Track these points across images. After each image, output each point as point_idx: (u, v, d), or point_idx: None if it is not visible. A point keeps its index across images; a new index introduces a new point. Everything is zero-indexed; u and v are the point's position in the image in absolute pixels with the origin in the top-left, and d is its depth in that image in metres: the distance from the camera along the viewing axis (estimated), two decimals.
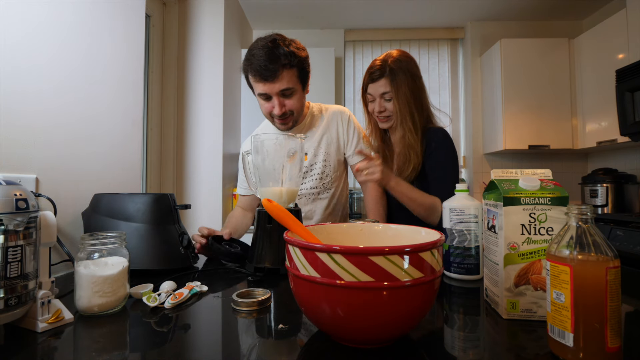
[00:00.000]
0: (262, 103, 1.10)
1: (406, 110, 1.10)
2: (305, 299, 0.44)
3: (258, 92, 1.08)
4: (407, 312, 0.42)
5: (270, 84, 1.03)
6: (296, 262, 0.44)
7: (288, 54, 1.03)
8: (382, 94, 1.11)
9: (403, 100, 1.09)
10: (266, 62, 1.01)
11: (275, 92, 1.05)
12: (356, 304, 0.40)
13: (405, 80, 1.09)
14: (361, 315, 0.41)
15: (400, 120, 1.12)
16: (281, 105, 1.07)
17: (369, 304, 0.40)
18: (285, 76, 1.04)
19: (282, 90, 1.05)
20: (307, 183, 1.20)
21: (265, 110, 1.11)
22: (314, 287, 0.42)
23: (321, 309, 0.42)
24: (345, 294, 0.40)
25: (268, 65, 1.01)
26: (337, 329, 0.44)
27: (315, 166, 1.20)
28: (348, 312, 0.41)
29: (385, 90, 1.10)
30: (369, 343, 0.44)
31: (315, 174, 1.20)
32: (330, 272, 0.40)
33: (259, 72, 1.02)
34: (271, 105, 1.08)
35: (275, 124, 1.14)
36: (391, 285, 0.39)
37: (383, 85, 1.10)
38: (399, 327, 0.43)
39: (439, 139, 1.11)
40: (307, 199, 1.21)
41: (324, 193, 1.21)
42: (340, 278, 0.40)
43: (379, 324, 0.41)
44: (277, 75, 1.02)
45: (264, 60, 1.01)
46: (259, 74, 1.03)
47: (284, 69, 1.03)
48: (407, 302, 0.41)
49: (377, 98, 1.13)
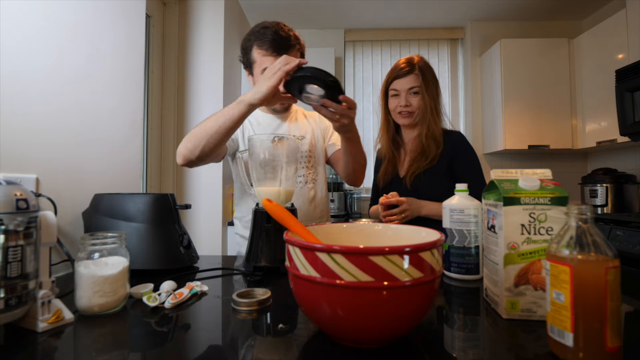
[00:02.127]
0: None
1: (433, 105, 1.17)
2: (305, 299, 0.44)
3: (265, 67, 1.06)
4: (407, 312, 0.42)
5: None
6: (296, 262, 0.44)
7: (295, 36, 1.09)
8: (409, 89, 1.17)
9: (431, 94, 1.17)
10: (280, 36, 1.04)
11: None
12: (356, 304, 0.40)
13: (432, 78, 1.18)
14: (361, 315, 0.41)
15: (422, 115, 1.18)
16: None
17: (369, 303, 0.40)
18: (293, 54, 1.08)
19: None
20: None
21: None
22: (314, 287, 0.42)
23: (321, 309, 0.42)
24: (345, 294, 0.40)
25: (283, 38, 1.04)
26: (337, 329, 0.44)
27: (302, 148, 1.19)
28: (348, 312, 0.41)
29: (413, 85, 1.16)
30: (369, 343, 0.44)
31: (303, 157, 1.19)
32: (330, 272, 0.40)
33: (272, 44, 1.04)
34: None
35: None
36: (391, 285, 0.39)
37: (411, 80, 1.16)
38: (399, 327, 0.43)
39: (463, 141, 1.20)
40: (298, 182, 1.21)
41: (310, 183, 1.20)
42: (340, 278, 0.40)
43: (379, 324, 0.41)
44: (289, 50, 1.06)
45: (278, 35, 1.04)
46: (271, 47, 1.04)
47: (292, 48, 1.07)
48: (407, 302, 0.41)
49: (402, 93, 1.18)
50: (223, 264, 0.92)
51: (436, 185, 1.12)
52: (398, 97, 1.19)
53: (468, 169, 1.17)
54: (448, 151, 1.17)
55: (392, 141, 1.27)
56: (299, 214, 1.19)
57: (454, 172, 1.16)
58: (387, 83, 1.22)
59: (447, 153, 1.17)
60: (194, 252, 0.91)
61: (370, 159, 1.23)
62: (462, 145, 1.19)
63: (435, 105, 1.19)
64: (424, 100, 1.17)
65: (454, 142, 1.19)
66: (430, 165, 1.15)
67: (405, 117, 1.19)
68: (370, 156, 1.44)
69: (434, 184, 1.12)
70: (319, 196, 1.23)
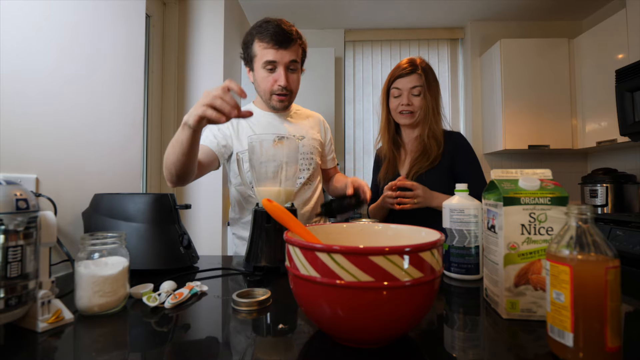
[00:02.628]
0: (265, 76, 1.11)
1: (434, 104, 1.19)
2: (305, 299, 0.44)
3: (266, 60, 1.08)
4: (407, 312, 0.42)
5: (283, 50, 1.07)
6: (296, 262, 0.44)
7: (297, 32, 1.12)
8: (411, 88, 1.18)
9: (433, 95, 1.19)
10: (282, 29, 1.06)
11: (285, 61, 1.08)
12: (356, 304, 0.40)
13: (433, 79, 1.20)
14: (361, 315, 0.41)
15: (425, 115, 1.19)
16: (287, 77, 1.10)
17: (369, 303, 0.40)
18: (295, 49, 1.10)
19: (291, 61, 1.10)
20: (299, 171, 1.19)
21: (268, 83, 1.11)
22: (313, 287, 0.42)
23: (321, 309, 0.42)
24: (345, 294, 0.40)
25: (285, 31, 1.06)
26: (337, 329, 0.44)
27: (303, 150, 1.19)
28: (348, 312, 0.41)
29: (415, 84, 1.17)
30: (369, 343, 0.44)
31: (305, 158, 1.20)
32: (330, 272, 0.40)
33: (274, 37, 1.06)
34: (276, 76, 1.10)
35: (272, 101, 1.14)
36: (391, 285, 0.39)
37: (413, 80, 1.17)
38: (399, 327, 0.43)
39: (463, 141, 1.21)
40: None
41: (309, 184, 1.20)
42: (340, 278, 0.40)
43: (379, 324, 0.41)
44: (290, 43, 1.08)
45: (280, 28, 1.06)
46: (273, 40, 1.06)
47: (294, 43, 1.10)
48: (407, 302, 0.41)
49: (404, 92, 1.18)
50: (223, 264, 0.92)
51: (438, 185, 1.12)
52: (400, 96, 1.20)
53: (468, 169, 1.18)
54: (449, 151, 1.17)
55: (393, 141, 1.28)
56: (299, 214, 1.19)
57: (455, 172, 1.16)
58: (389, 82, 1.23)
59: (448, 153, 1.17)
60: (194, 252, 0.91)
61: (369, 159, 1.24)
62: (463, 145, 1.20)
63: (436, 106, 1.20)
64: (425, 100, 1.18)
65: (454, 142, 1.19)
66: (432, 166, 1.16)
67: (407, 116, 1.20)
68: (369, 156, 1.44)
69: (436, 184, 1.12)
70: (318, 196, 1.23)
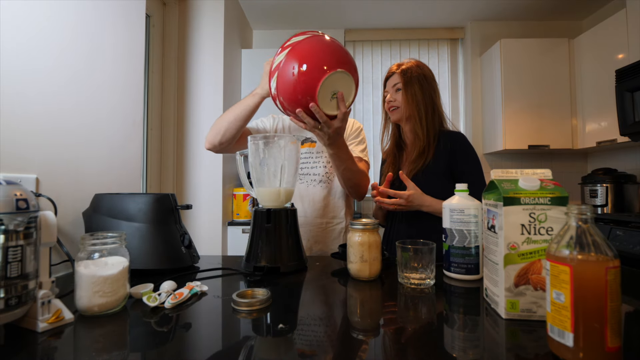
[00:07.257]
0: None
1: (413, 101, 1.20)
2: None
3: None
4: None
5: None
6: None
7: None
8: (393, 85, 1.24)
9: (411, 90, 1.21)
10: None
11: None
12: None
13: (416, 76, 1.22)
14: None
15: (409, 112, 1.20)
16: None
17: None
18: None
19: None
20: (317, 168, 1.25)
21: None
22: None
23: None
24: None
25: None
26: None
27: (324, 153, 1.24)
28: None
29: (396, 82, 1.23)
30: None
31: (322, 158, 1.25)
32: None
33: None
34: None
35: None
36: None
37: (396, 78, 1.24)
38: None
39: (464, 141, 1.21)
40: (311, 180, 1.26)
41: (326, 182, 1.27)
42: None
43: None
44: None
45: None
46: None
47: None
48: None
49: (390, 90, 1.26)
50: (223, 264, 0.92)
51: (434, 185, 1.12)
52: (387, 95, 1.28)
53: (468, 168, 1.18)
54: (448, 151, 1.17)
55: (395, 142, 1.31)
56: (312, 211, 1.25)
57: (455, 172, 1.16)
58: (383, 85, 1.31)
59: (447, 152, 1.17)
60: (195, 252, 0.91)
61: (372, 158, 1.25)
62: (463, 145, 1.20)
63: (416, 100, 1.20)
64: (406, 95, 1.21)
65: (454, 141, 1.19)
66: (427, 164, 1.16)
67: (394, 112, 1.25)
68: (372, 156, 1.44)
69: (432, 184, 1.12)
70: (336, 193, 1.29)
